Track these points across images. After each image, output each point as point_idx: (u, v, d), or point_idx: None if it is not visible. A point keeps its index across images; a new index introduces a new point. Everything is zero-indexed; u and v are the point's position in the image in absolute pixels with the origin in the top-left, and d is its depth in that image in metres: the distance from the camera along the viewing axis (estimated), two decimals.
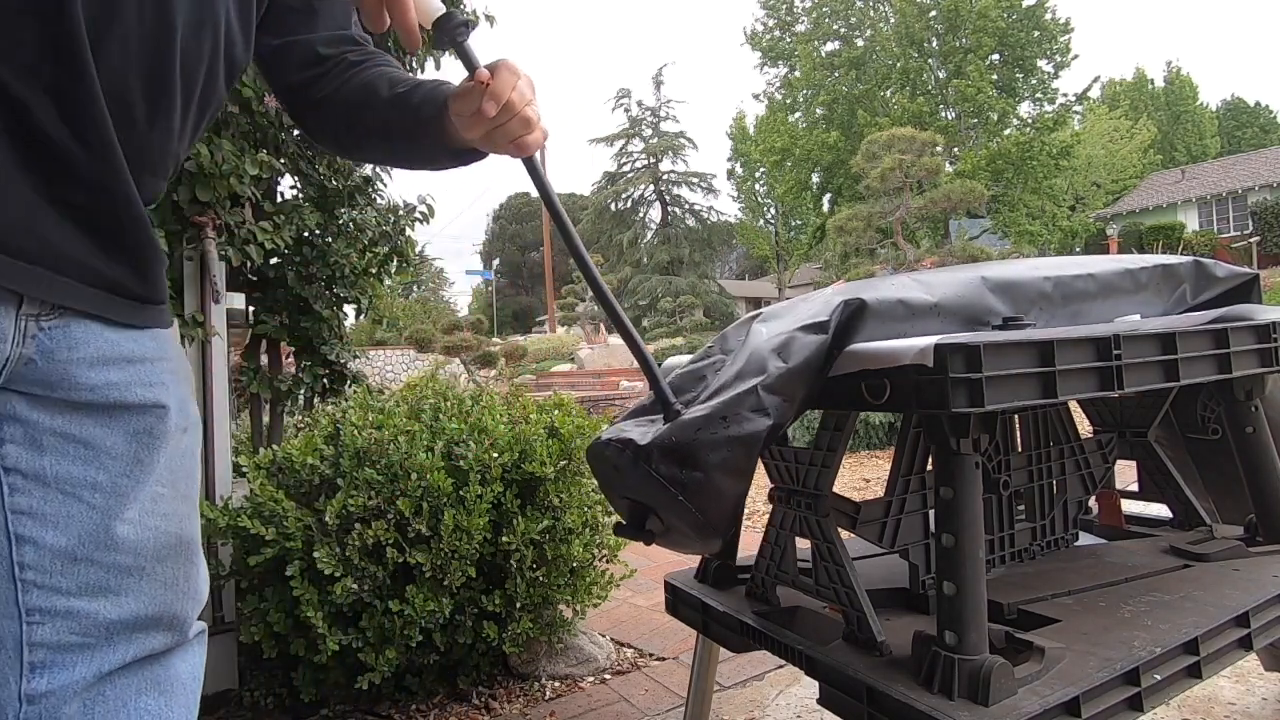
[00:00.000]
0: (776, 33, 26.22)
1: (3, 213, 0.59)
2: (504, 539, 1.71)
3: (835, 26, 25.25)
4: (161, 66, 0.67)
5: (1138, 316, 1.24)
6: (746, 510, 1.43)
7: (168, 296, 0.77)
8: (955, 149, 23.07)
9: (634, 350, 0.92)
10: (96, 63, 0.62)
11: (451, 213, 43.51)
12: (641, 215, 33.56)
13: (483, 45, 0.82)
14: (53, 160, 0.61)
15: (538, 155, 0.86)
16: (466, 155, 0.90)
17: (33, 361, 0.65)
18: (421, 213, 2.76)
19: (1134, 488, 1.52)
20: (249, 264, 2.19)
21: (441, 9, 0.78)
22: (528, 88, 0.81)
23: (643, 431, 0.91)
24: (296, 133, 2.33)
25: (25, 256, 0.61)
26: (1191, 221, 24.03)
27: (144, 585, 0.72)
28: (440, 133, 0.85)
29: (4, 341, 0.62)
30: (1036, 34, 22.40)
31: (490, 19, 2.65)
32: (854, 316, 0.94)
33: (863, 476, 4.83)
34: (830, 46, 25.35)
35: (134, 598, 0.71)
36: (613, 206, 32.76)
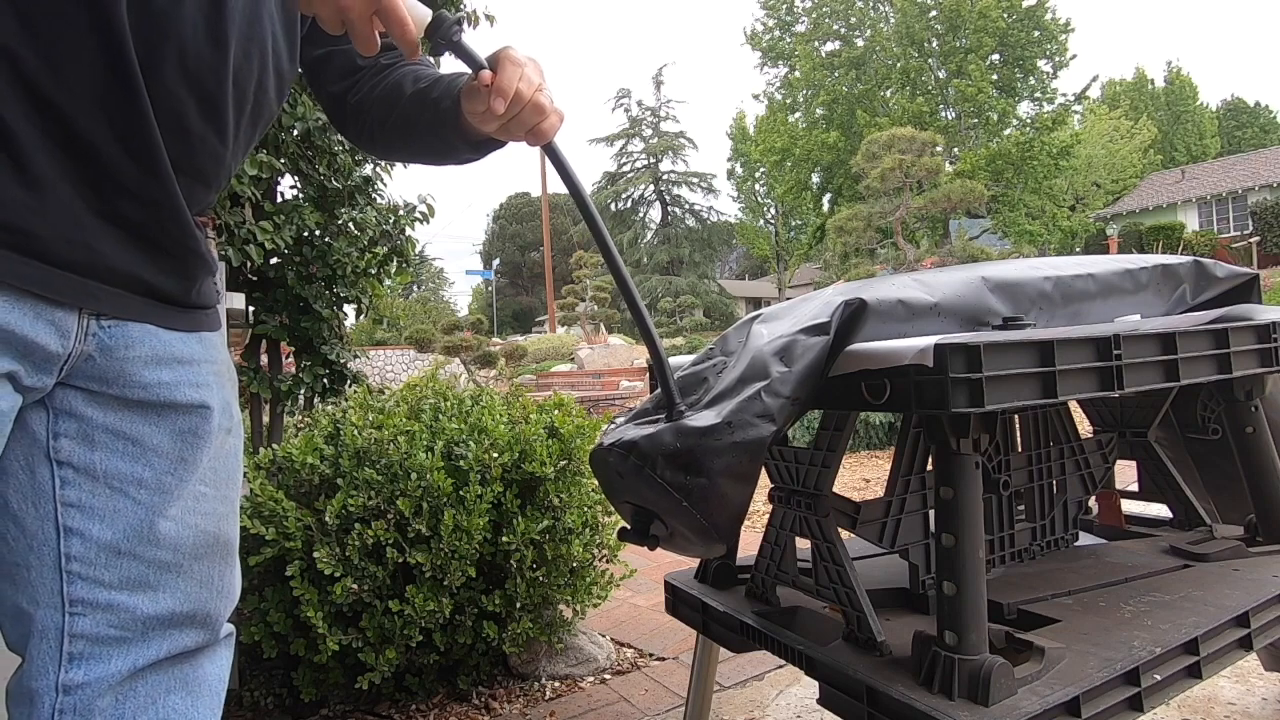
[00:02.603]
0: (776, 33, 26.22)
1: (52, 225, 0.61)
2: (504, 539, 1.71)
3: (835, 26, 25.25)
4: (214, 82, 0.69)
5: (1138, 317, 1.24)
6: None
7: (216, 301, 0.80)
8: (955, 149, 23.07)
9: (646, 339, 0.90)
10: (149, 79, 0.63)
11: (451, 213, 43.52)
12: (641, 215, 33.63)
13: (483, 45, 0.81)
14: (101, 173, 0.63)
15: (557, 140, 0.84)
16: (486, 146, 0.90)
17: (92, 358, 0.67)
18: (421, 213, 2.76)
19: (1134, 488, 1.52)
20: (249, 264, 2.19)
21: (429, 14, 0.76)
22: (535, 73, 0.80)
23: (645, 434, 0.90)
24: (296, 132, 2.33)
25: (75, 269, 0.63)
26: (1191, 221, 24.02)
27: (180, 582, 0.74)
28: (458, 125, 0.85)
29: (67, 338, 0.64)
30: (1036, 34, 22.41)
31: (490, 19, 2.65)
32: (854, 316, 0.94)
33: (863, 476, 4.83)
34: (830, 46, 25.35)
35: (170, 594, 0.73)
36: (613, 206, 32.81)
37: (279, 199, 2.41)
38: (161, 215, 0.67)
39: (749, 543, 1.27)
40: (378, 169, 2.62)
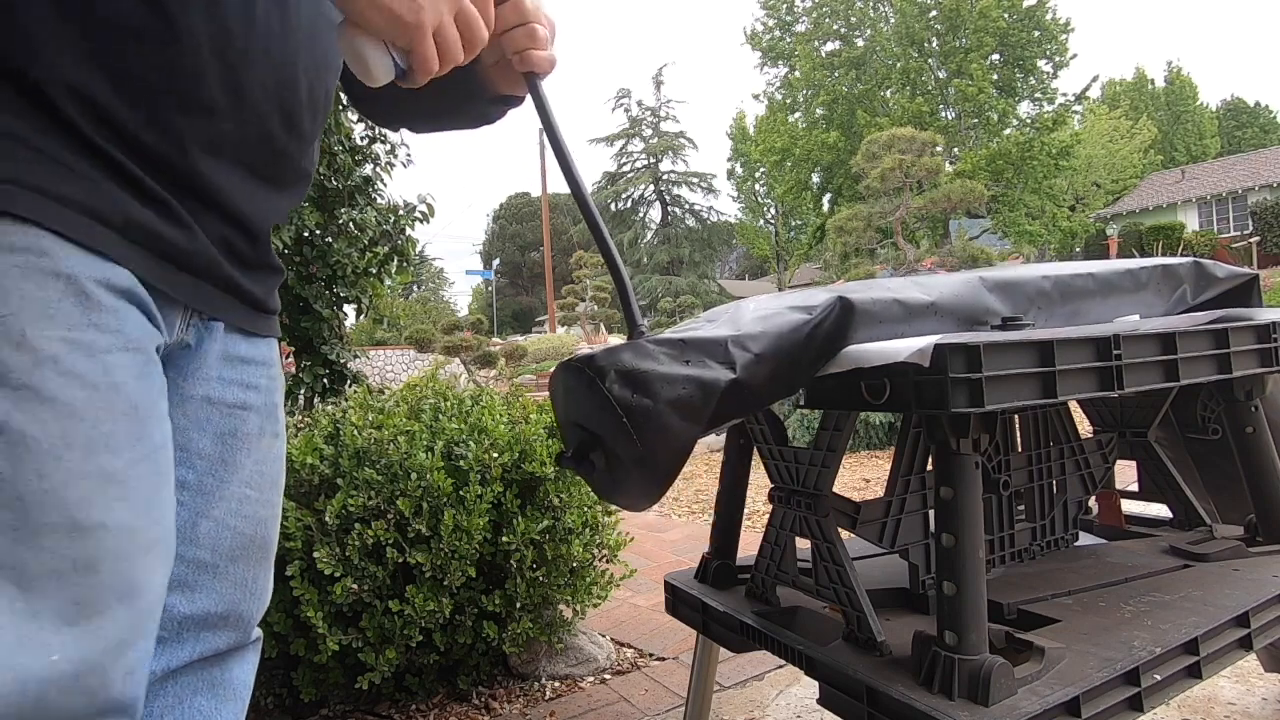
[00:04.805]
0: (776, 33, 26.21)
1: (190, 242, 0.65)
2: (504, 539, 1.71)
3: (835, 26, 25.24)
4: (293, 98, 0.72)
5: (1137, 316, 1.24)
6: (746, 510, 1.43)
7: (278, 307, 0.84)
8: (955, 149, 23.07)
9: (605, 255, 0.88)
10: (243, 107, 0.67)
11: (451, 213, 43.55)
12: (641, 215, 33.63)
13: None
14: (209, 201, 0.67)
15: (543, 86, 0.83)
16: (500, 103, 0.91)
17: (188, 346, 0.71)
18: (421, 212, 2.77)
19: (1134, 488, 1.52)
20: None
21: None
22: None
23: (604, 349, 0.89)
24: None
25: (186, 268, 0.66)
26: (1191, 222, 24.04)
27: (216, 583, 0.75)
28: (475, 74, 0.86)
29: (172, 329, 0.68)
30: (1037, 34, 22.40)
31: None
32: (848, 313, 0.93)
33: (863, 476, 4.83)
34: (830, 46, 25.34)
35: (206, 595, 0.74)
36: (613, 206, 32.81)
37: None
38: (252, 232, 0.72)
39: (749, 543, 1.27)
40: (378, 169, 2.63)
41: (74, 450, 0.51)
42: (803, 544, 1.14)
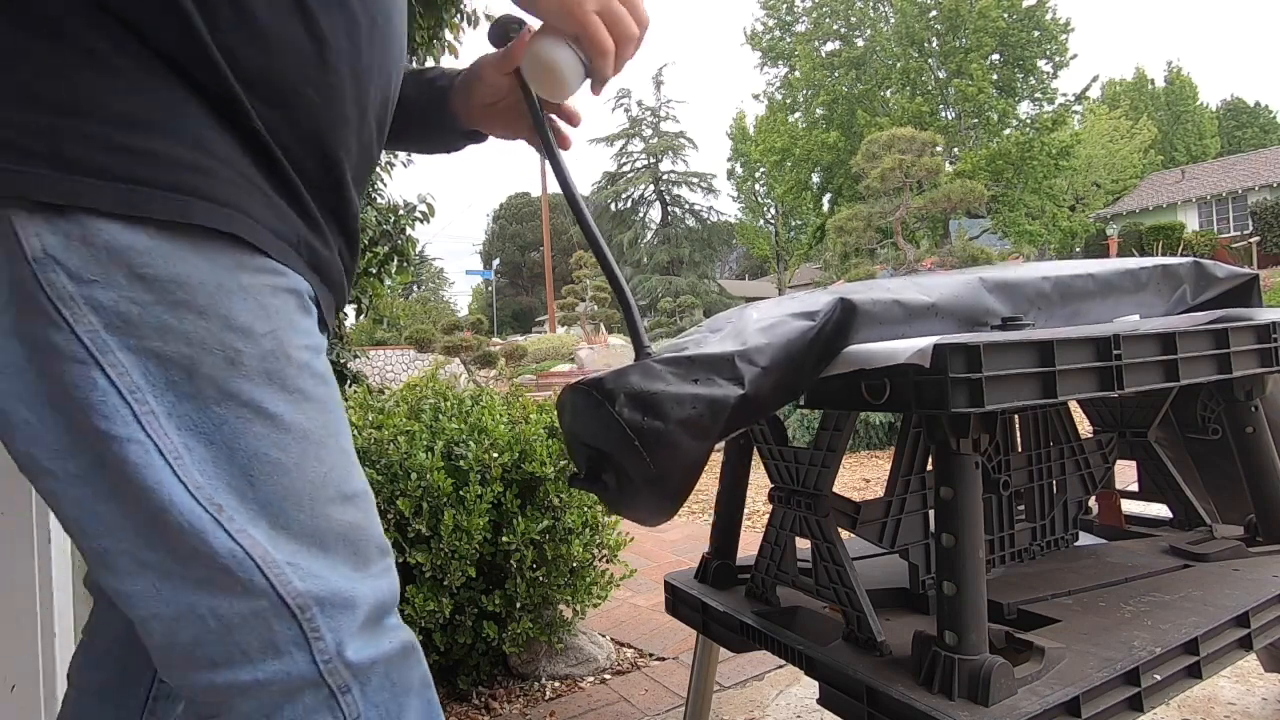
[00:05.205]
0: (776, 33, 26.23)
1: (329, 255, 0.69)
2: (504, 539, 1.71)
3: (835, 26, 25.26)
4: (386, 111, 0.75)
5: (1136, 316, 1.24)
6: (746, 510, 1.43)
7: None
8: (955, 149, 23.08)
9: (609, 276, 0.88)
10: (362, 123, 0.69)
11: (451, 213, 43.57)
12: (641, 215, 33.65)
13: (478, 44, 0.78)
14: (338, 214, 0.71)
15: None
16: (468, 137, 0.95)
17: None
18: (422, 212, 2.77)
19: (1134, 488, 1.52)
20: None
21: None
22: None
23: (612, 371, 0.89)
24: None
25: (332, 288, 0.71)
26: (1191, 222, 24.04)
27: None
28: (449, 108, 0.90)
29: None
30: (1036, 34, 22.42)
31: (490, 19, 2.65)
32: (849, 314, 0.94)
33: (863, 476, 4.83)
34: (830, 46, 25.36)
35: None
36: (613, 206, 32.83)
37: None
38: (350, 233, 0.74)
39: (749, 543, 1.27)
40: (378, 169, 2.62)
41: (332, 437, 0.62)
42: (803, 544, 1.14)
